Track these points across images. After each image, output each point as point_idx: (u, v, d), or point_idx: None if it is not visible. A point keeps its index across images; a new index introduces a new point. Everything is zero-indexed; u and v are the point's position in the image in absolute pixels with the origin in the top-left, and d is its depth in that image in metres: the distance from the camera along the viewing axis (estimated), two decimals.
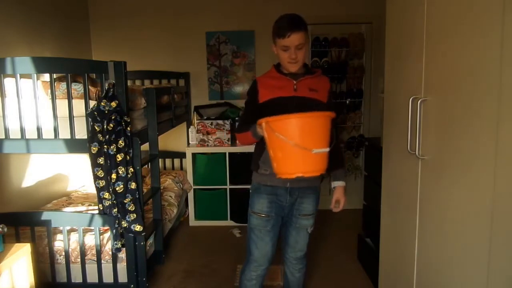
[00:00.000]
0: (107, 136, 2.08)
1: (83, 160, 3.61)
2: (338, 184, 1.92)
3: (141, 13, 4.01)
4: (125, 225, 2.21)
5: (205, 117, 3.82)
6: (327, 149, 1.50)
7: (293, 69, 1.76)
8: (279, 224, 1.90)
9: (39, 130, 2.23)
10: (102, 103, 2.07)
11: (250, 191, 1.91)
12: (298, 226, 1.89)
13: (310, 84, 1.79)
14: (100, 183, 2.18)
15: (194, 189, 3.78)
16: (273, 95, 1.76)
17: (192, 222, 3.78)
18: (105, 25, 4.04)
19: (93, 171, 2.17)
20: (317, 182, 1.89)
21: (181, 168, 4.17)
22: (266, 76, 1.87)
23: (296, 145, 1.45)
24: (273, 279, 2.58)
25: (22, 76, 2.20)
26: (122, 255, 2.36)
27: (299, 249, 1.94)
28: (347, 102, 4.05)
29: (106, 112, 2.07)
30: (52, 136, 2.24)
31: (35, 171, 3.07)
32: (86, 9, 4.02)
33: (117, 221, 2.22)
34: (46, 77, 2.42)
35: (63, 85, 2.27)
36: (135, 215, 2.21)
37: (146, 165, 2.85)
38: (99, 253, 2.35)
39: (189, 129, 3.80)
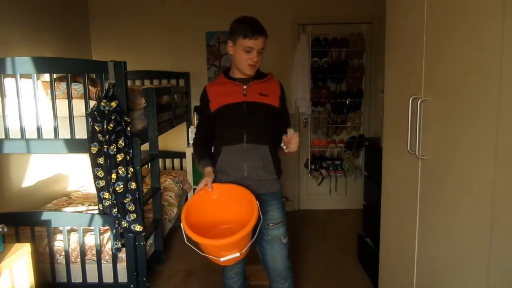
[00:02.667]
0: (107, 136, 2.08)
1: (83, 160, 3.61)
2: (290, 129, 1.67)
3: (141, 13, 4.01)
4: (125, 225, 2.21)
5: None
6: (237, 254, 1.52)
7: (251, 72, 1.73)
8: None
9: (39, 130, 2.23)
10: (102, 103, 2.07)
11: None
12: (270, 239, 1.79)
13: (260, 89, 1.76)
14: (100, 183, 2.18)
15: (194, 189, 3.78)
16: (223, 102, 1.74)
17: None
18: (105, 25, 4.04)
19: (93, 171, 2.17)
20: (276, 187, 1.79)
21: (181, 168, 4.17)
22: (215, 82, 1.86)
23: (208, 255, 1.55)
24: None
25: (22, 76, 2.20)
26: (122, 255, 2.36)
27: (280, 266, 1.80)
28: (347, 102, 4.05)
29: (106, 112, 2.07)
30: (52, 136, 2.24)
31: (35, 171, 3.07)
32: (86, 9, 4.02)
33: (117, 221, 2.22)
34: (46, 77, 2.43)
35: (63, 85, 2.27)
36: (135, 215, 2.21)
37: (146, 165, 2.84)
38: (99, 253, 2.35)
39: (189, 129, 3.81)
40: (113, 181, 2.13)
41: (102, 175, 2.17)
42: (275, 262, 1.81)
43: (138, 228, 2.22)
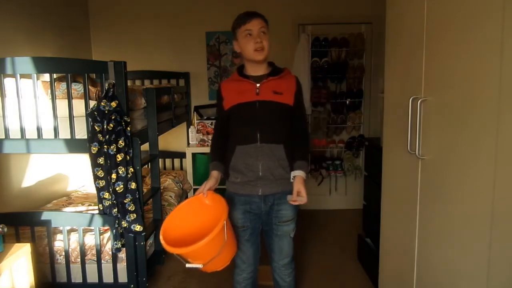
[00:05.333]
0: (107, 136, 2.08)
1: (83, 160, 3.61)
2: (297, 174, 1.72)
3: (141, 13, 4.01)
4: (125, 225, 2.21)
5: (205, 117, 3.82)
6: (200, 266, 1.58)
7: (260, 57, 1.69)
8: (258, 230, 1.86)
9: (39, 130, 2.23)
10: (102, 103, 2.07)
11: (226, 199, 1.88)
12: (280, 234, 1.82)
13: (274, 86, 1.72)
14: (100, 183, 2.18)
15: (194, 189, 3.78)
16: (236, 101, 1.73)
17: None
18: (105, 25, 4.04)
19: (93, 171, 2.17)
20: (290, 186, 1.75)
21: (181, 168, 4.17)
22: (229, 80, 1.85)
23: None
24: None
25: (22, 76, 2.20)
26: (122, 255, 2.36)
27: (285, 256, 1.86)
28: (347, 102, 4.05)
29: (106, 112, 2.07)
30: (52, 136, 2.24)
31: (35, 171, 3.07)
32: (86, 9, 4.02)
33: (117, 221, 2.22)
34: (46, 77, 2.43)
35: (63, 85, 2.27)
36: (135, 215, 2.21)
37: (146, 165, 2.84)
38: (99, 253, 2.35)
39: (189, 129, 3.81)
40: (113, 181, 2.13)
41: (102, 175, 2.16)
42: (281, 252, 1.86)
43: (138, 228, 2.22)
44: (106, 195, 2.19)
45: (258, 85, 1.71)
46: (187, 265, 1.59)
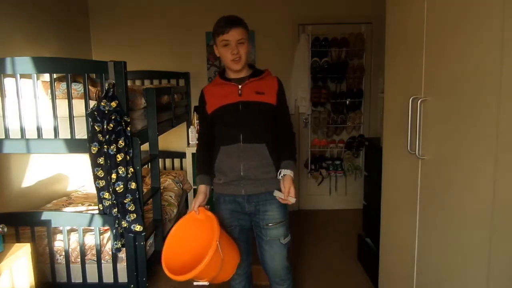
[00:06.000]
0: (107, 136, 2.08)
1: (83, 160, 3.61)
2: (285, 173, 1.73)
3: (141, 13, 4.01)
4: (125, 225, 2.21)
5: None
6: (206, 283, 1.69)
7: (237, 66, 1.72)
8: (248, 227, 1.85)
9: (39, 130, 2.23)
10: (102, 103, 2.07)
11: (214, 200, 1.88)
12: (269, 239, 1.78)
13: (256, 87, 1.75)
14: (100, 183, 2.18)
15: (194, 189, 3.78)
16: (220, 103, 1.75)
17: None
18: (105, 24, 4.04)
19: (93, 171, 2.17)
20: (276, 186, 1.75)
21: (181, 168, 4.17)
22: (211, 84, 1.86)
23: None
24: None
25: (22, 76, 2.20)
26: (122, 255, 2.36)
27: (279, 267, 1.80)
28: (347, 102, 4.05)
29: (106, 112, 2.07)
30: (52, 136, 2.24)
31: (35, 171, 3.07)
32: (86, 9, 4.02)
33: (117, 221, 2.22)
34: (46, 77, 2.43)
35: (63, 85, 2.27)
36: (135, 215, 2.21)
37: (146, 165, 2.84)
38: (99, 253, 2.35)
39: (189, 129, 3.80)
40: (113, 181, 2.13)
41: (102, 175, 2.16)
42: (274, 262, 1.81)
43: (138, 228, 2.22)
44: (106, 195, 2.19)
45: (240, 86, 1.74)
46: (195, 283, 1.62)
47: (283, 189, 1.71)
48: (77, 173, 3.69)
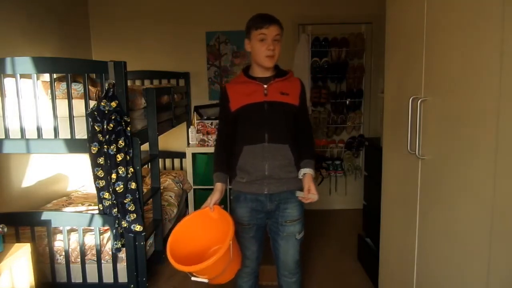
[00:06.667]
0: (107, 136, 2.08)
1: (83, 160, 3.61)
2: (305, 171, 1.75)
3: (141, 13, 4.01)
4: (125, 225, 2.21)
5: (205, 117, 3.82)
6: (206, 280, 1.59)
7: (270, 63, 1.72)
8: (263, 227, 1.87)
9: (39, 130, 2.23)
10: (102, 103, 2.07)
11: (231, 198, 1.88)
12: (285, 235, 1.82)
13: (281, 88, 1.75)
14: (100, 183, 2.18)
15: (194, 189, 3.78)
16: (244, 102, 1.74)
17: None
18: (105, 25, 4.04)
19: (93, 171, 2.17)
20: (297, 185, 1.78)
21: (181, 168, 4.17)
22: (235, 81, 1.85)
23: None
24: (267, 279, 2.56)
25: (22, 76, 2.20)
26: (122, 255, 2.36)
27: (290, 260, 1.84)
28: (347, 102, 4.05)
29: (106, 112, 2.07)
30: (52, 136, 2.24)
31: (35, 171, 3.07)
32: (86, 9, 4.02)
33: (117, 221, 2.22)
34: (46, 77, 2.43)
35: (63, 85, 2.27)
36: (135, 215, 2.21)
37: (146, 165, 2.84)
38: (99, 253, 2.35)
39: (189, 129, 3.81)
40: (113, 181, 2.13)
41: (102, 175, 2.16)
42: (287, 256, 1.84)
43: (138, 228, 2.22)
44: (106, 195, 2.19)
45: (265, 86, 1.73)
46: (193, 278, 1.59)
47: (304, 187, 1.73)
48: (77, 173, 3.69)
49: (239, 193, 1.82)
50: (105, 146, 2.09)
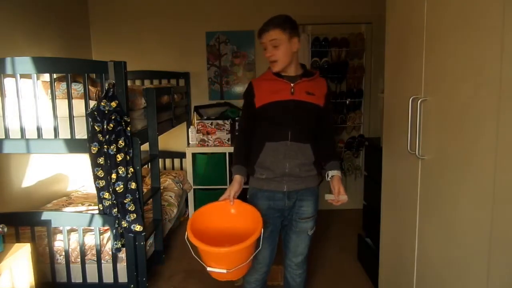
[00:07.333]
0: (107, 136, 2.08)
1: (83, 160, 3.61)
2: (334, 173, 1.79)
3: (141, 13, 4.01)
4: (125, 225, 2.21)
5: (205, 117, 3.82)
6: (224, 271, 1.52)
7: (275, 68, 1.74)
8: (278, 229, 1.87)
9: (39, 130, 2.23)
10: (102, 103, 2.07)
11: (248, 196, 1.88)
12: (298, 230, 1.85)
13: (307, 87, 1.76)
14: (100, 183, 2.18)
15: (194, 189, 3.78)
16: (270, 99, 1.74)
17: None
18: (105, 25, 4.04)
19: (93, 171, 2.17)
20: (314, 183, 1.84)
21: (181, 168, 4.17)
22: (261, 78, 1.85)
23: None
24: (273, 279, 2.58)
25: (22, 76, 2.20)
26: (122, 255, 2.36)
27: (300, 253, 1.89)
28: (347, 102, 4.05)
29: (106, 112, 2.07)
30: (52, 136, 2.24)
31: (35, 171, 3.07)
32: (86, 9, 4.02)
33: (117, 221, 2.22)
34: (46, 77, 2.43)
35: (63, 85, 2.27)
36: (135, 215, 2.21)
37: (146, 165, 2.84)
38: (99, 253, 2.35)
39: (189, 129, 3.81)
40: (113, 181, 2.13)
41: (102, 175, 2.16)
42: (297, 249, 1.88)
43: (138, 228, 2.22)
44: (106, 195, 2.19)
45: (292, 84, 1.74)
46: (209, 269, 1.54)
47: (334, 189, 1.76)
48: (77, 173, 3.69)
49: (257, 190, 1.83)
50: (105, 146, 2.09)
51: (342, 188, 1.75)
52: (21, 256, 1.82)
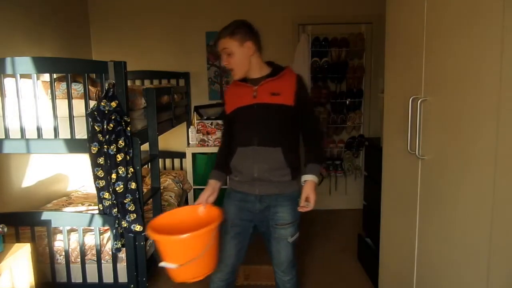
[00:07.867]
0: (107, 136, 2.08)
1: (83, 160, 3.61)
2: (307, 178, 1.68)
3: (141, 13, 4.01)
4: (125, 225, 2.21)
5: (205, 117, 3.82)
6: (174, 266, 1.55)
7: (235, 77, 1.75)
8: (248, 232, 1.83)
9: (39, 130, 2.23)
10: (102, 103, 2.07)
11: (225, 193, 1.88)
12: (277, 236, 1.78)
13: (272, 88, 1.69)
14: (100, 183, 2.18)
15: (194, 189, 3.78)
16: (236, 105, 1.75)
17: None
18: (105, 25, 4.04)
19: (93, 171, 2.17)
20: (291, 188, 1.75)
21: (181, 168, 4.17)
22: (232, 85, 1.87)
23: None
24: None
25: (22, 76, 2.20)
26: (122, 255, 2.36)
27: (283, 260, 1.81)
28: (347, 102, 4.05)
29: (106, 112, 2.07)
30: (52, 136, 2.24)
31: (35, 171, 3.07)
32: (86, 9, 4.02)
33: (117, 221, 2.22)
34: (46, 77, 2.43)
35: (63, 85, 2.27)
36: (135, 215, 2.21)
37: (146, 165, 2.84)
38: (99, 253, 2.35)
39: (189, 129, 3.81)
40: (113, 181, 2.13)
41: (102, 175, 2.16)
42: (279, 256, 1.82)
43: (138, 228, 2.22)
44: (106, 195, 2.19)
45: (255, 87, 1.71)
46: (160, 264, 1.54)
47: (302, 195, 1.67)
48: (77, 173, 3.69)
49: (231, 191, 1.84)
50: (105, 146, 2.09)
51: (312, 196, 1.64)
52: (21, 256, 1.82)
